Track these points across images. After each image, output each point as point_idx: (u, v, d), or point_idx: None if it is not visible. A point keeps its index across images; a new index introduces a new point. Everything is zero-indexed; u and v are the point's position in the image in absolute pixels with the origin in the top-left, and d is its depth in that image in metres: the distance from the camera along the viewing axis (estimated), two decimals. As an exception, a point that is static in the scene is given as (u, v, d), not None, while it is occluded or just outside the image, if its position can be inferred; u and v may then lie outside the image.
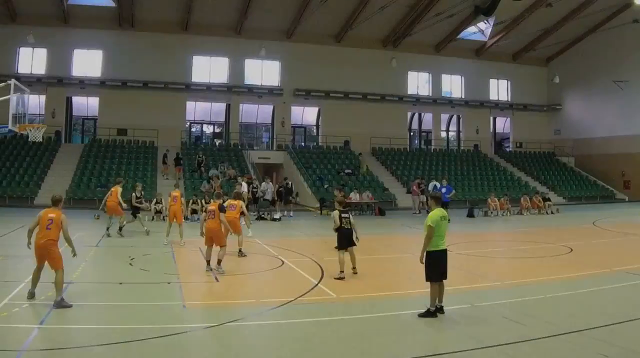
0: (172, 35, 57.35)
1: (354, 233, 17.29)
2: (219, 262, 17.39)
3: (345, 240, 17.04)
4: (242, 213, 24.12)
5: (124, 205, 26.06)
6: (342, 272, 16.60)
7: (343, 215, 17.19)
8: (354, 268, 17.31)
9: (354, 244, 17.28)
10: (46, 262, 13.34)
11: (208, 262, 17.68)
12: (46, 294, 13.35)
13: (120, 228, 25.80)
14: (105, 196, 26.94)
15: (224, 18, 57.44)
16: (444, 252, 12.76)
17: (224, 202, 19.31)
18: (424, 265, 12.70)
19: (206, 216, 18.32)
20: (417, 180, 47.17)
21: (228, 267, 18.01)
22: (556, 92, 70.02)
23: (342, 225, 17.00)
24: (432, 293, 12.54)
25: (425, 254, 12.66)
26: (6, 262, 18.03)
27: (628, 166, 61.58)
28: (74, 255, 14.06)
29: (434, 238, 12.56)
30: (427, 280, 12.68)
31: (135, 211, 27.97)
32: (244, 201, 26.22)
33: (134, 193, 28.38)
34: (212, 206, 18.21)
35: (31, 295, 13.31)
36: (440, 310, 12.51)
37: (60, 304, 12.72)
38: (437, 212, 12.81)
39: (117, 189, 26.18)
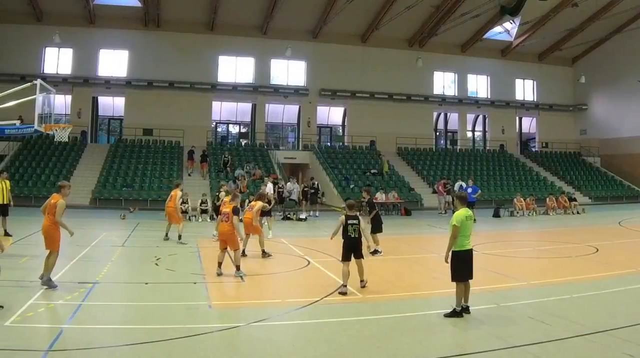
0: (198, 35, 56.41)
1: (363, 242, 15.36)
2: (238, 267, 16.54)
3: (349, 250, 14.85)
4: (266, 213, 24.38)
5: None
6: (344, 286, 14.54)
7: (351, 221, 14.94)
8: (362, 281, 15.11)
9: (361, 256, 15.06)
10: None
11: (219, 265, 16.78)
12: (72, 294, 13.36)
13: (179, 237, 23.84)
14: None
15: (249, 18, 56.55)
16: (470, 251, 12.51)
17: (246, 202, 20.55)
18: (449, 265, 12.43)
19: (220, 218, 17.52)
20: (443, 180, 46.02)
21: (254, 267, 18.17)
22: (582, 92, 67.93)
23: (349, 233, 14.84)
24: (457, 293, 12.30)
25: (450, 254, 12.41)
26: (31, 262, 17.25)
27: (654, 166, 60.84)
28: (71, 235, 14.63)
29: (460, 238, 12.33)
30: (452, 280, 12.44)
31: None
32: (269, 202, 25.17)
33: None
34: (227, 208, 17.23)
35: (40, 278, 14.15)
36: (466, 310, 12.25)
37: (47, 283, 13.78)
38: (463, 212, 12.49)
39: (177, 193, 24.87)
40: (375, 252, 20.50)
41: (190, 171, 50.08)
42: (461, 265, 12.27)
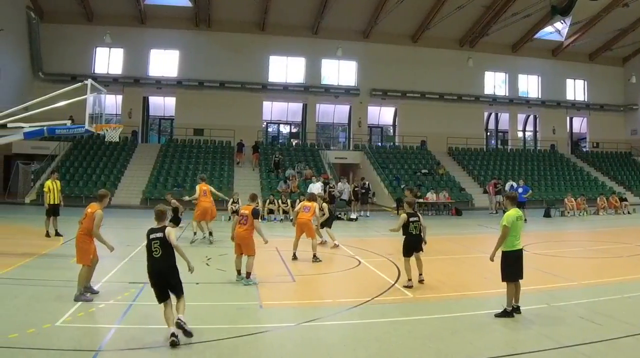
0: (249, 35, 54.60)
1: (423, 238, 15.60)
2: (249, 274, 15.08)
3: (412, 247, 15.15)
4: (327, 223, 23.12)
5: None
6: (409, 280, 14.86)
7: (412, 218, 15.17)
8: (420, 275, 15.31)
9: (421, 250, 15.42)
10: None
11: (238, 272, 15.33)
12: (122, 294, 13.19)
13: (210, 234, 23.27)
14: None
15: (300, 18, 54.51)
16: (520, 251, 12.11)
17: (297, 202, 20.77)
18: (499, 265, 12.05)
19: (237, 220, 15.66)
20: (494, 180, 43.83)
21: (305, 267, 17.75)
22: (633, 92, 63.71)
23: (410, 231, 15.11)
24: (508, 293, 11.98)
25: (501, 254, 12.07)
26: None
27: None
28: (111, 250, 13.40)
29: (510, 238, 11.94)
30: (503, 280, 12.06)
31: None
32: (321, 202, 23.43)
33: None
34: (246, 210, 15.50)
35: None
36: (516, 310, 11.89)
37: (79, 299, 12.54)
38: (513, 212, 12.07)
39: (206, 187, 23.85)
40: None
41: (240, 163, 49.13)
42: (512, 265, 11.90)
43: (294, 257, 19.07)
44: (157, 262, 10.56)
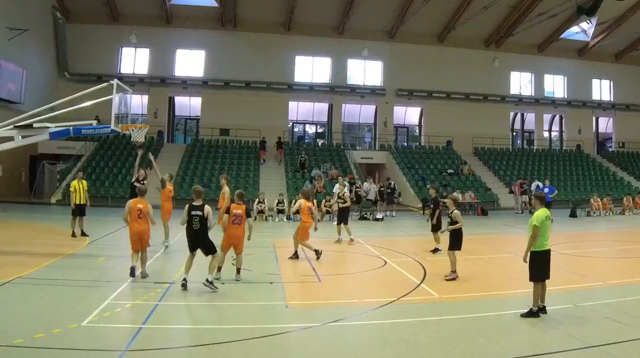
0: (275, 35, 53.51)
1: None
2: (239, 270, 15.01)
3: (461, 240, 15.81)
4: (343, 218, 23.54)
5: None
6: (454, 272, 15.48)
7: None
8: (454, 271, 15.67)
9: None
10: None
11: (219, 269, 14.83)
12: (148, 294, 12.96)
13: None
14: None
15: (326, 18, 53.21)
16: (548, 252, 11.82)
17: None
18: (527, 265, 11.89)
19: (230, 220, 15.12)
20: (520, 180, 43.25)
21: (331, 267, 17.51)
22: (659, 92, 62.22)
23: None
24: (535, 293, 11.67)
25: (530, 254, 11.78)
26: (107, 263, 17.13)
27: None
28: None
29: (539, 238, 11.65)
30: (531, 280, 11.77)
31: None
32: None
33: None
34: (239, 210, 15.05)
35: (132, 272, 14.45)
36: (542, 310, 11.63)
37: (143, 274, 14.77)
38: (542, 212, 11.79)
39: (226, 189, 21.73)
40: (435, 250, 20.09)
41: (263, 159, 48.57)
42: (540, 265, 11.67)
43: (295, 256, 18.65)
44: (195, 232, 13.81)
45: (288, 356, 9.45)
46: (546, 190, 34.02)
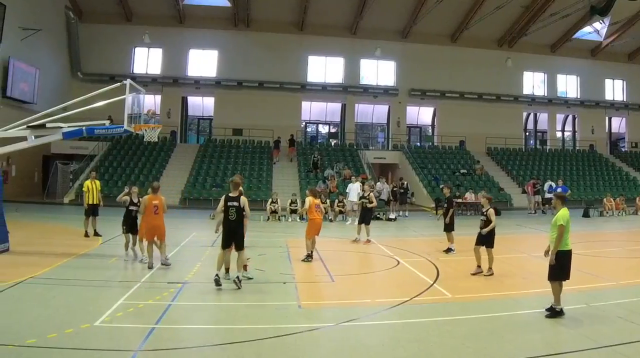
0: (288, 35, 53.02)
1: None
2: (245, 267, 14.62)
3: (494, 238, 16.12)
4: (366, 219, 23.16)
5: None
6: (479, 267, 16.04)
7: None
8: (479, 266, 16.22)
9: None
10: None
11: (228, 270, 14.64)
12: (161, 294, 12.85)
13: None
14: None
15: (339, 18, 52.62)
16: (571, 251, 11.77)
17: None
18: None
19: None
20: (532, 180, 42.57)
21: (344, 268, 17.35)
22: (673, 92, 61.16)
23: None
24: (556, 292, 11.49)
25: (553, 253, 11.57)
26: (120, 263, 17.13)
27: None
28: None
29: (565, 237, 11.57)
30: (553, 279, 11.58)
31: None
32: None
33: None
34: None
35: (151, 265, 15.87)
36: (561, 312, 11.42)
37: (166, 263, 16.04)
38: (566, 211, 11.71)
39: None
40: (448, 250, 20.05)
41: (277, 159, 47.98)
42: (563, 265, 11.54)
43: (309, 258, 18.16)
44: (231, 223, 13.77)
45: (301, 356, 9.34)
46: (559, 190, 33.63)
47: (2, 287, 12.94)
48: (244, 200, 13.88)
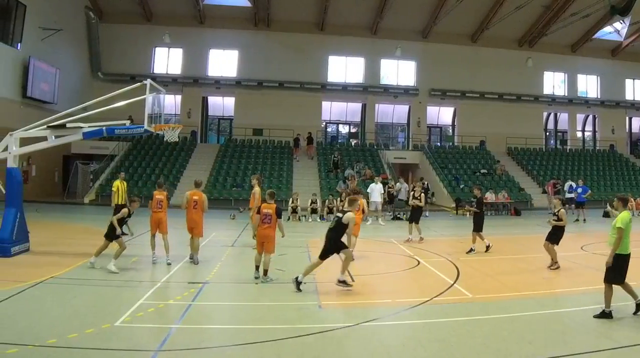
0: (308, 35, 51.81)
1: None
2: (266, 272, 14.41)
3: (561, 237, 16.55)
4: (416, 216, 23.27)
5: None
6: (556, 262, 16.29)
7: None
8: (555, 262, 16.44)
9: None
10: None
11: (257, 268, 14.60)
12: (182, 294, 12.74)
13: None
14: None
15: (359, 18, 51.32)
16: (630, 255, 11.25)
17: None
18: (606, 266, 11.41)
19: (260, 219, 14.64)
20: (553, 180, 42.17)
21: (364, 267, 16.73)
22: (693, 92, 58.92)
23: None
24: (608, 294, 11.06)
25: (613, 256, 11.17)
26: (141, 263, 16.76)
27: None
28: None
29: (624, 240, 11.08)
30: (608, 281, 11.17)
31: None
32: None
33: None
34: (269, 209, 14.51)
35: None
36: (609, 314, 11.03)
37: (195, 260, 16.57)
38: (627, 214, 11.29)
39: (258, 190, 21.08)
40: (470, 250, 19.67)
41: (297, 157, 47.73)
42: (621, 268, 11.15)
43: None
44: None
45: (321, 356, 9.17)
46: (579, 190, 33.99)
47: (22, 287, 12.75)
48: (278, 208, 14.44)
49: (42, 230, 22.44)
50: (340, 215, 13.69)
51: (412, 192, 24.91)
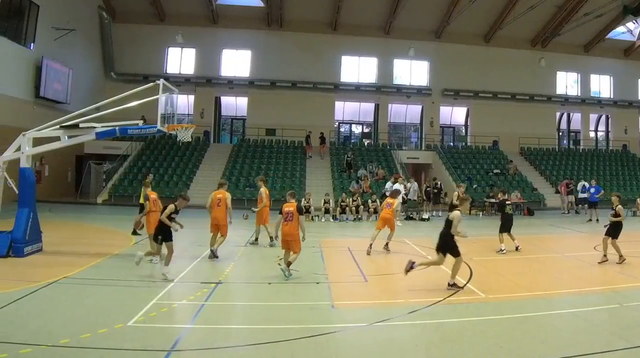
0: (321, 35, 51.02)
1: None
2: (289, 264, 14.56)
3: (620, 231, 16.77)
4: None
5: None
6: (621, 256, 16.60)
7: None
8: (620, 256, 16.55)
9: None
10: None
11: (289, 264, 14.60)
12: (195, 294, 12.62)
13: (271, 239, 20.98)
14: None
15: (372, 18, 50.61)
16: None
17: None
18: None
19: (282, 218, 15.08)
20: (566, 180, 41.27)
21: (377, 267, 17.10)
22: None
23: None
24: None
25: None
26: (153, 263, 16.04)
27: None
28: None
29: None
30: None
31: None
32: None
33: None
34: (290, 207, 14.84)
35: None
36: None
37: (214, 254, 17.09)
38: None
39: (266, 190, 21.68)
40: (500, 250, 19.45)
41: (310, 154, 47.17)
42: None
43: (369, 251, 18.64)
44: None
45: (334, 356, 9.17)
46: (592, 190, 33.67)
47: (35, 286, 12.66)
48: (298, 206, 15.15)
49: (55, 230, 22.23)
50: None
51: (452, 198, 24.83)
